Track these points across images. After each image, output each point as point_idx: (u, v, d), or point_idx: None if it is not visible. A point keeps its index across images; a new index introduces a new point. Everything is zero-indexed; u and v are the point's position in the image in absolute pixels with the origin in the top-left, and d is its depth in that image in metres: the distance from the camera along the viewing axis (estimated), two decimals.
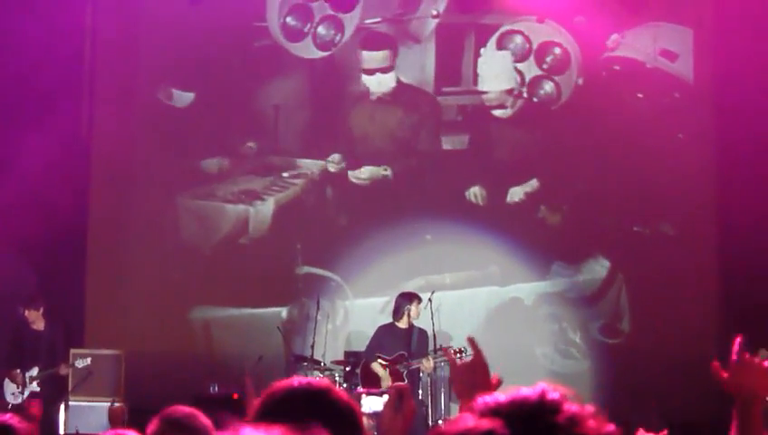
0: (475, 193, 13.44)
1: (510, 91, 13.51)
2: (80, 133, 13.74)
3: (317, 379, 2.83)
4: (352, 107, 13.93)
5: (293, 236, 13.72)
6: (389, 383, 11.09)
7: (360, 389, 11.31)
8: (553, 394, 1.85)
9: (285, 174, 14.13)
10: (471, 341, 3.29)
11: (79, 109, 13.73)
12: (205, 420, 4.19)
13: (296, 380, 2.70)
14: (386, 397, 8.70)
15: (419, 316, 11.45)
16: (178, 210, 14.01)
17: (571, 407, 1.82)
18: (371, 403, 10.73)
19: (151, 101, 13.91)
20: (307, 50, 13.89)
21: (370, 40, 13.97)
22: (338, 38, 13.83)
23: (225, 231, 13.93)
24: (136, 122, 13.92)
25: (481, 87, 13.71)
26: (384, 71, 13.92)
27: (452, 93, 13.71)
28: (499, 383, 3.15)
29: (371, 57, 13.91)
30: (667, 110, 13.13)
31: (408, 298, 11.62)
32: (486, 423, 1.75)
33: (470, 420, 1.77)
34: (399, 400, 3.58)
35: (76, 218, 13.56)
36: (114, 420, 11.34)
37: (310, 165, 14.07)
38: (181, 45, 13.69)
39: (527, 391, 1.86)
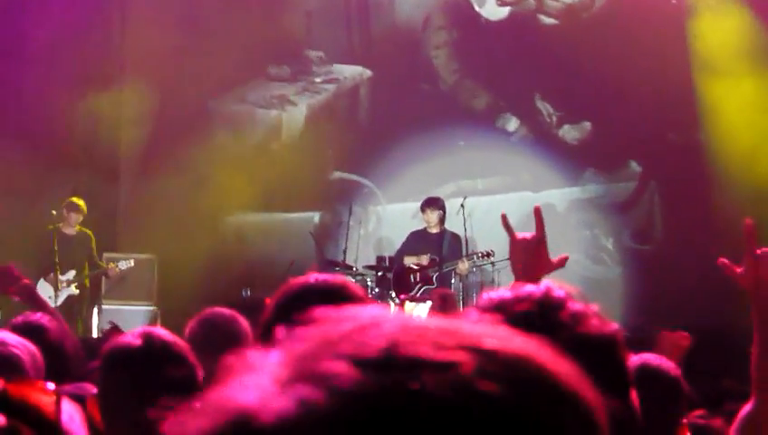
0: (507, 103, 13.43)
1: None
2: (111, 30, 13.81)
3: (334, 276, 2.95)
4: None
5: (325, 141, 13.82)
6: (420, 283, 11.27)
7: (401, 296, 11.29)
8: (558, 292, 1.79)
9: (318, 79, 14.21)
10: (537, 211, 3.07)
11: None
12: (244, 323, 4.13)
13: (312, 276, 2.63)
14: (429, 303, 10.08)
15: (433, 223, 11.53)
16: (210, 115, 14.14)
17: (574, 305, 1.77)
18: (414, 310, 10.67)
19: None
20: None
21: None
22: None
23: (257, 136, 14.12)
24: (169, 22, 13.91)
25: None
26: None
27: None
28: (562, 263, 3.05)
29: None
30: None
31: (422, 204, 11.69)
32: (488, 319, 1.59)
33: (473, 315, 1.71)
34: (444, 306, 3.42)
35: (110, 122, 13.68)
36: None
37: (342, 70, 14.15)
38: None
39: (532, 287, 1.81)
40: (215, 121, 14.10)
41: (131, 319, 11.79)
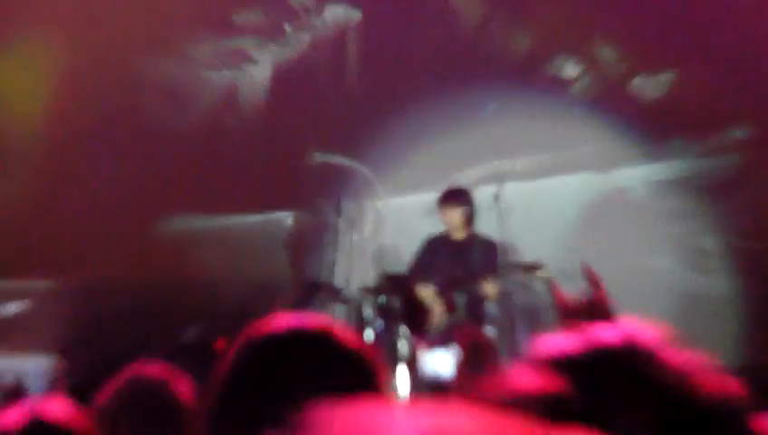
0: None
1: None
2: None
3: (319, 316, 2.07)
4: None
5: (300, 111, 11.33)
6: (439, 314, 9.04)
7: (417, 336, 8.92)
8: (647, 336, 1.49)
9: (287, 26, 11.53)
10: (589, 273, 2.93)
11: None
12: (182, 389, 3.49)
13: (281, 319, 2.10)
14: (453, 350, 7.98)
15: (456, 225, 9.42)
16: (139, 80, 11.44)
17: (672, 355, 1.45)
18: (434, 361, 8.45)
19: None
20: None
21: None
22: None
23: (204, 109, 11.46)
24: None
25: None
26: None
27: None
28: None
29: None
30: None
31: (440, 199, 9.53)
32: (547, 383, 1.44)
33: (524, 378, 1.48)
34: (476, 359, 3.58)
35: None
36: None
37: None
38: None
39: (608, 333, 1.50)
40: (145, 89, 11.39)
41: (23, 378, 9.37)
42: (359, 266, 10.66)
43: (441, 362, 8.34)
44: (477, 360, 6.96)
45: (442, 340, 8.59)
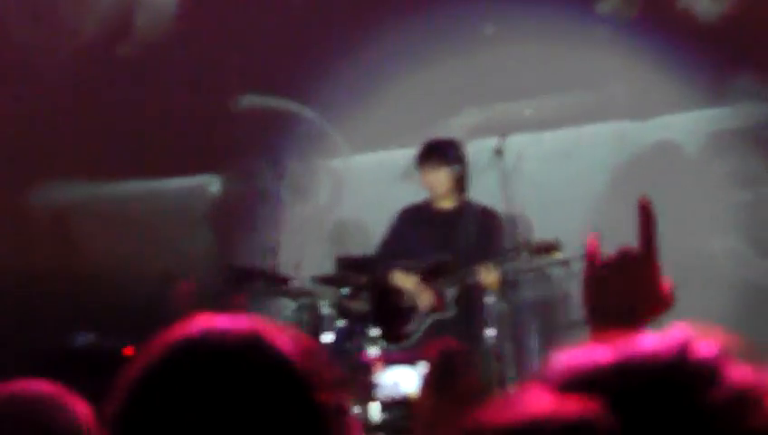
0: None
1: None
2: None
3: (255, 317, 1.75)
4: None
5: (223, 36, 9.28)
6: (428, 304, 7.91)
7: (367, 351, 7.72)
8: (704, 347, 1.23)
9: None
10: (644, 207, 2.05)
11: None
12: (79, 408, 2.88)
13: (200, 321, 1.81)
14: (422, 367, 7.39)
15: (442, 190, 8.16)
16: None
17: (737, 372, 1.21)
18: (397, 380, 7.46)
19: None
20: None
21: None
22: None
23: (87, 33, 9.08)
24: None
25: None
26: None
27: None
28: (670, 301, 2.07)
29: None
30: None
31: (420, 155, 8.25)
32: (575, 408, 1.18)
33: (536, 403, 1.24)
34: (447, 371, 3.33)
35: None
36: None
37: None
38: None
39: (651, 340, 1.26)
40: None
41: None
42: (311, 248, 9.31)
43: (403, 380, 7.34)
44: (446, 380, 6.19)
45: (408, 357, 7.58)
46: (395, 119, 9.32)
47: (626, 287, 2.09)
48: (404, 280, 7.92)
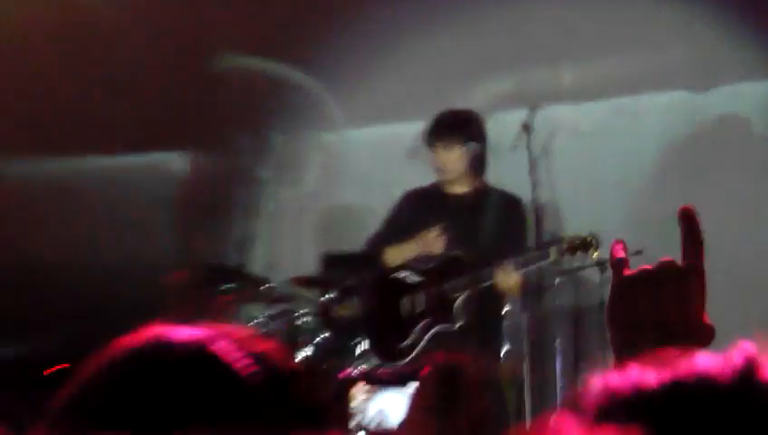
0: None
1: None
2: None
3: (220, 326, 1.49)
4: None
5: None
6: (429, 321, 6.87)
7: (353, 370, 6.74)
8: None
9: None
10: (686, 215, 1.84)
11: None
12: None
13: (155, 331, 1.63)
14: (411, 388, 6.27)
15: (455, 173, 7.04)
16: None
17: None
18: (387, 406, 6.48)
19: None
20: None
21: None
22: None
23: None
24: None
25: None
26: None
27: None
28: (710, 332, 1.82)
29: None
30: None
31: (430, 131, 7.06)
32: None
33: (570, 433, 1.14)
34: (449, 393, 3.05)
35: None
36: None
37: None
38: None
39: (707, 360, 1.15)
40: None
41: None
42: (292, 241, 8.17)
43: (397, 407, 6.28)
44: (452, 407, 5.22)
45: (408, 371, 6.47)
46: (402, 87, 8.06)
47: (660, 307, 1.86)
48: (405, 284, 6.80)
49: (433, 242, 6.76)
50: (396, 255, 6.96)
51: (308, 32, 7.57)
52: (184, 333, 1.61)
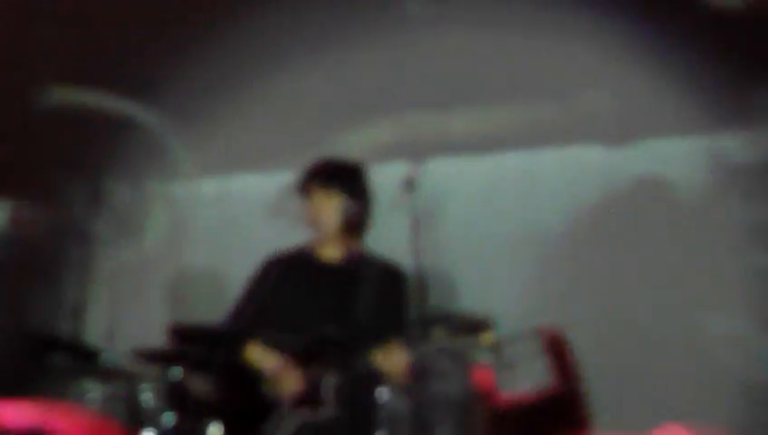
0: None
1: None
2: None
3: (44, 407, 1.91)
4: None
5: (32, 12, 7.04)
6: (291, 395, 5.86)
7: None
8: None
9: None
10: (554, 339, 2.46)
11: None
12: None
13: None
14: None
15: (330, 233, 6.25)
16: None
17: None
18: None
19: None
20: None
21: None
22: None
23: None
24: None
25: None
26: None
27: None
28: None
29: None
30: None
31: (305, 181, 6.37)
32: None
33: None
34: None
35: None
36: None
37: None
38: None
39: None
40: None
41: None
42: (135, 308, 7.20)
43: None
44: None
45: None
46: (267, 132, 7.10)
47: None
48: (260, 357, 5.93)
49: (299, 319, 6.00)
50: (257, 332, 6.01)
51: (155, 65, 6.57)
52: (16, 414, 1.19)
